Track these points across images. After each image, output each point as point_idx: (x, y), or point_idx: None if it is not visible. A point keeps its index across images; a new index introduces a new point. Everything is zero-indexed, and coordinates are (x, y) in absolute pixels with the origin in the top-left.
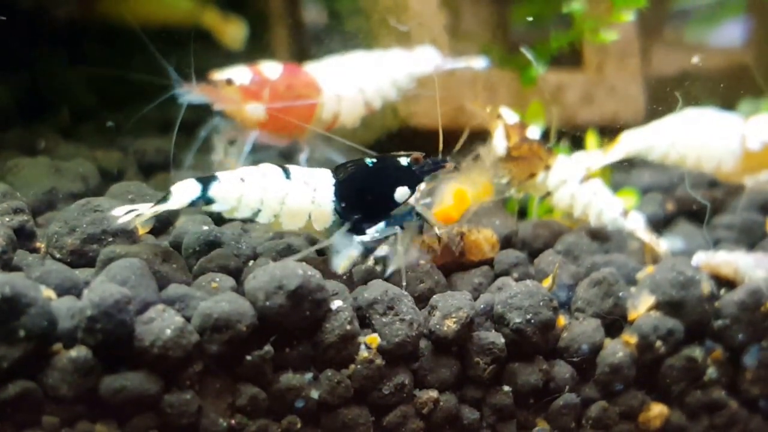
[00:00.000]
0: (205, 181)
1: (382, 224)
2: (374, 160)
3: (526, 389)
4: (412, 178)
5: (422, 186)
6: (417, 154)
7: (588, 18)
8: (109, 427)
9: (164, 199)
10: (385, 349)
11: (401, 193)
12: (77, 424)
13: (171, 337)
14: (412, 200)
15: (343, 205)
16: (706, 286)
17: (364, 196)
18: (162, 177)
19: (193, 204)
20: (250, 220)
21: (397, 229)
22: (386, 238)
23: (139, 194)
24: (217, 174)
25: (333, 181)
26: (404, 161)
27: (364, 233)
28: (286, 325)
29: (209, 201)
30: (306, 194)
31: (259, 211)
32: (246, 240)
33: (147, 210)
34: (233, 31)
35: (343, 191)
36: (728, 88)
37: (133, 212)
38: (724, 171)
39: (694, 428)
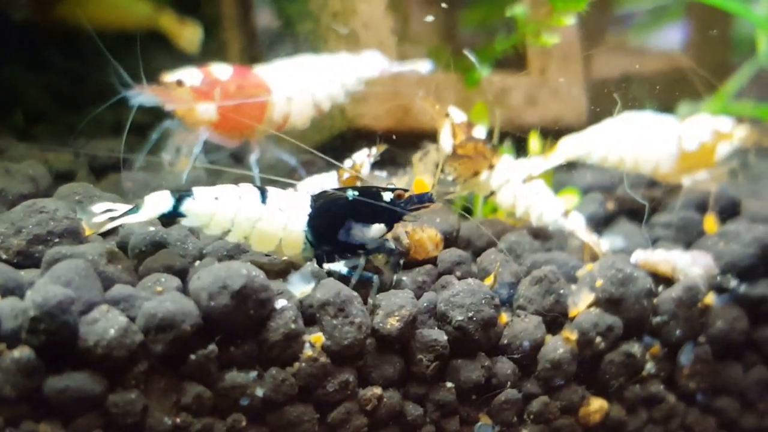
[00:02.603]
0: (179, 195)
1: (342, 265)
2: (356, 192)
3: (468, 385)
4: (392, 215)
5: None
6: (401, 191)
7: (530, 22)
8: (53, 426)
9: (136, 208)
10: (332, 350)
11: (376, 230)
12: (21, 424)
13: (115, 337)
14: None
15: (314, 235)
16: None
17: (336, 230)
18: (113, 178)
19: (163, 217)
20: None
21: (361, 261)
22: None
23: (86, 195)
24: (193, 189)
25: (309, 210)
26: (387, 197)
27: (333, 261)
28: (230, 325)
29: (180, 215)
30: (278, 220)
31: (230, 231)
32: (192, 241)
33: (118, 217)
34: (189, 35)
35: (315, 222)
36: (668, 91)
37: (110, 212)
38: (662, 172)
39: (633, 422)
